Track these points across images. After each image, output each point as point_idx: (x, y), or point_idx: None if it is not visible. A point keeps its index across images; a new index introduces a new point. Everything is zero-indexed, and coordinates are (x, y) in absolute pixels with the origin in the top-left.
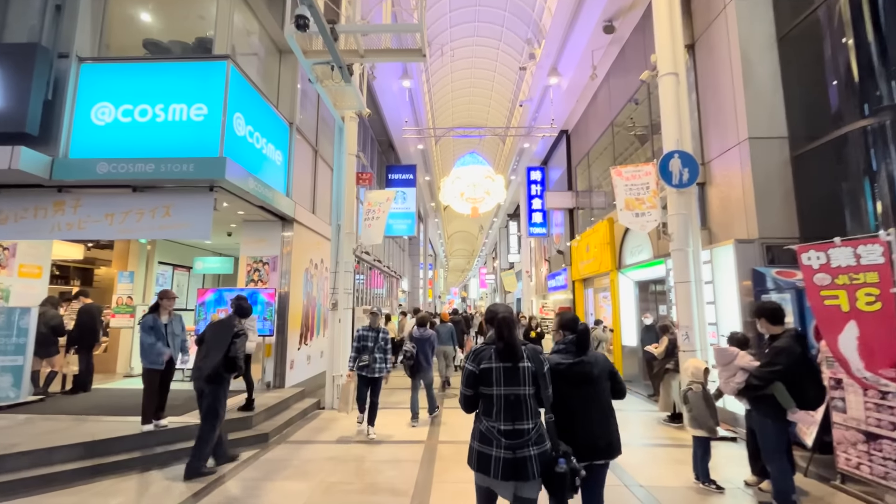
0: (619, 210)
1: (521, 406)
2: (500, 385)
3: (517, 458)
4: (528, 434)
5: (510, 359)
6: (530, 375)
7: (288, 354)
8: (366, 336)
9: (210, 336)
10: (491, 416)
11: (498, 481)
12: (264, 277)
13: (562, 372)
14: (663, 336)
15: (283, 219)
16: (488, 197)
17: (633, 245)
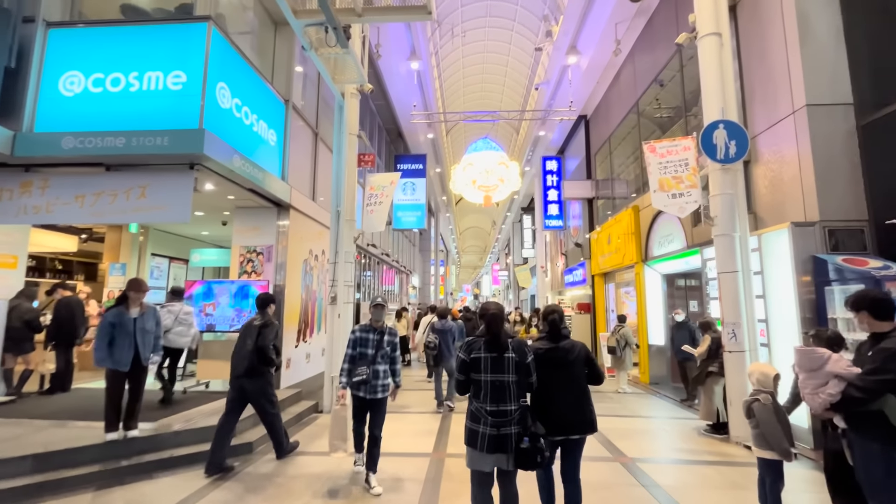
0: (651, 192)
1: (505, 391)
2: (487, 372)
3: (500, 435)
4: (511, 414)
5: (496, 349)
6: (514, 365)
7: (284, 352)
8: (365, 340)
9: (241, 335)
10: (479, 399)
11: (483, 454)
12: (258, 268)
13: (540, 357)
14: (704, 334)
15: (279, 205)
16: (502, 185)
17: (662, 234)
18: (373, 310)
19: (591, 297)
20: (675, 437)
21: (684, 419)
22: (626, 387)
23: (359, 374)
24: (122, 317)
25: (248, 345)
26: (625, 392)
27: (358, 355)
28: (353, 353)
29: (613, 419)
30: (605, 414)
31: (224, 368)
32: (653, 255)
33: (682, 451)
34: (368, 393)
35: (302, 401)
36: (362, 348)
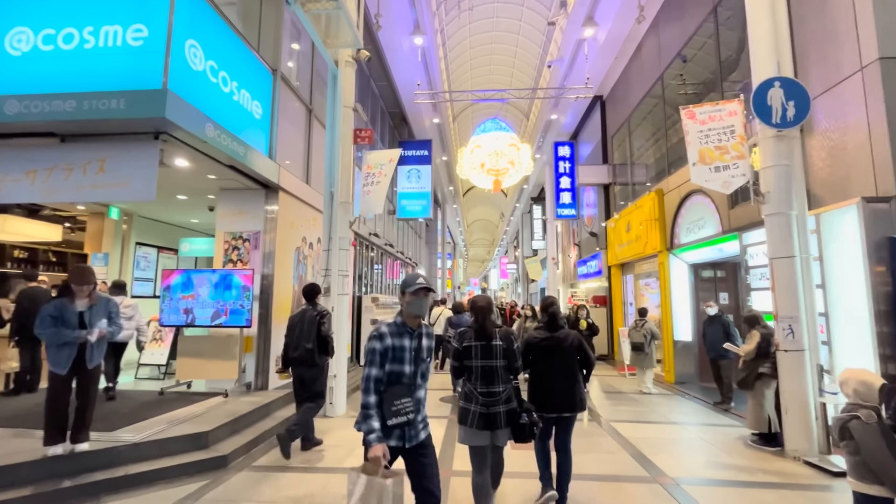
0: (690, 165)
1: (493, 374)
2: (477, 358)
3: (490, 413)
4: (499, 395)
5: (484, 338)
6: (501, 351)
7: (273, 350)
8: (401, 350)
9: (295, 325)
10: (471, 381)
11: (475, 430)
12: (244, 257)
13: (538, 344)
14: (752, 330)
15: (266, 187)
16: (513, 168)
17: (691, 220)
18: (411, 298)
19: (607, 289)
20: (718, 450)
21: (724, 426)
22: (651, 386)
23: (400, 412)
24: (65, 310)
25: (308, 334)
26: (650, 392)
27: (394, 375)
28: (380, 373)
29: (642, 426)
30: (631, 419)
31: (206, 367)
32: (679, 243)
33: (730, 468)
34: (410, 439)
35: (291, 403)
36: (397, 364)
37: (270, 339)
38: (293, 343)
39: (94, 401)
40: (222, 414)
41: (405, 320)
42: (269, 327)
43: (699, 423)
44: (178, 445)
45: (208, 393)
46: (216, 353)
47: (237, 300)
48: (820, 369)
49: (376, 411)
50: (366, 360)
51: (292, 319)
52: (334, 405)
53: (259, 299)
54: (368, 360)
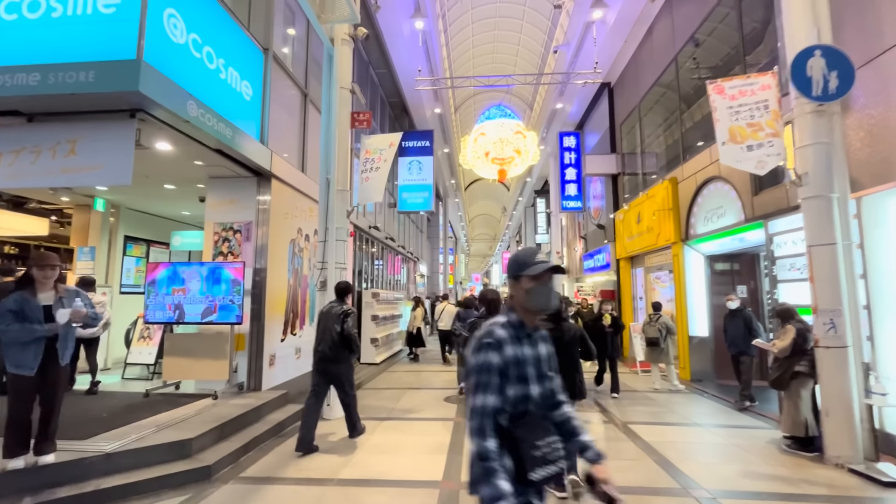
0: (719, 144)
1: None
2: None
3: None
4: None
5: None
6: None
7: (266, 348)
8: (521, 361)
9: (321, 322)
10: None
11: None
12: (235, 249)
13: None
14: (786, 325)
15: (259, 174)
16: (519, 157)
17: (708, 208)
18: (533, 285)
19: (615, 283)
20: (752, 456)
21: (750, 428)
22: (677, 383)
23: (547, 459)
24: (26, 304)
25: (331, 330)
26: (677, 388)
27: (518, 402)
28: (499, 401)
29: (663, 429)
30: (649, 421)
31: (195, 367)
32: (695, 234)
33: (770, 478)
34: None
35: (287, 405)
36: (519, 386)
37: (264, 337)
38: (318, 338)
39: (60, 406)
40: (209, 418)
41: (523, 318)
42: (262, 324)
43: (723, 424)
44: (158, 455)
45: (197, 395)
46: (205, 351)
47: (227, 295)
48: (866, 368)
49: (500, 463)
50: (473, 382)
51: (320, 315)
52: (331, 406)
53: (251, 294)
54: (480, 384)
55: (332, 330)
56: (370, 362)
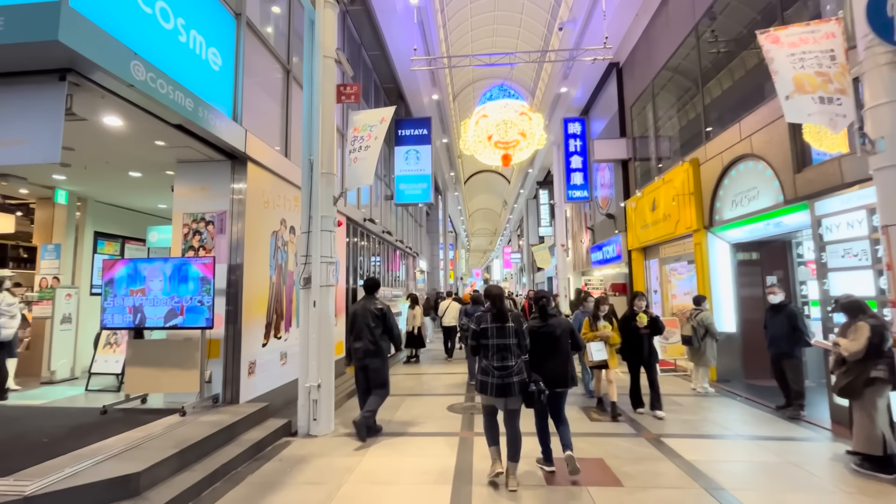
0: (783, 99)
1: (507, 351)
2: (493, 338)
3: (504, 383)
4: (512, 368)
5: (500, 320)
6: (513, 332)
7: (244, 354)
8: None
9: (357, 319)
10: (488, 358)
11: (493, 398)
12: (207, 242)
13: (534, 331)
14: (857, 322)
15: (233, 157)
16: (524, 141)
17: (738, 191)
18: None
19: (627, 275)
20: (819, 479)
21: (802, 441)
22: (707, 386)
23: None
24: None
25: (369, 326)
26: (706, 392)
27: None
28: None
29: (702, 443)
30: (685, 433)
31: (160, 378)
32: (721, 220)
33: None
34: None
35: (268, 419)
36: None
37: (241, 342)
38: (356, 334)
39: None
40: (170, 442)
41: None
42: (238, 327)
43: (770, 436)
44: (94, 495)
45: (164, 410)
46: (172, 360)
47: (195, 295)
48: None
49: None
50: None
51: (353, 311)
52: (318, 421)
53: (226, 294)
54: None
55: (371, 326)
56: None
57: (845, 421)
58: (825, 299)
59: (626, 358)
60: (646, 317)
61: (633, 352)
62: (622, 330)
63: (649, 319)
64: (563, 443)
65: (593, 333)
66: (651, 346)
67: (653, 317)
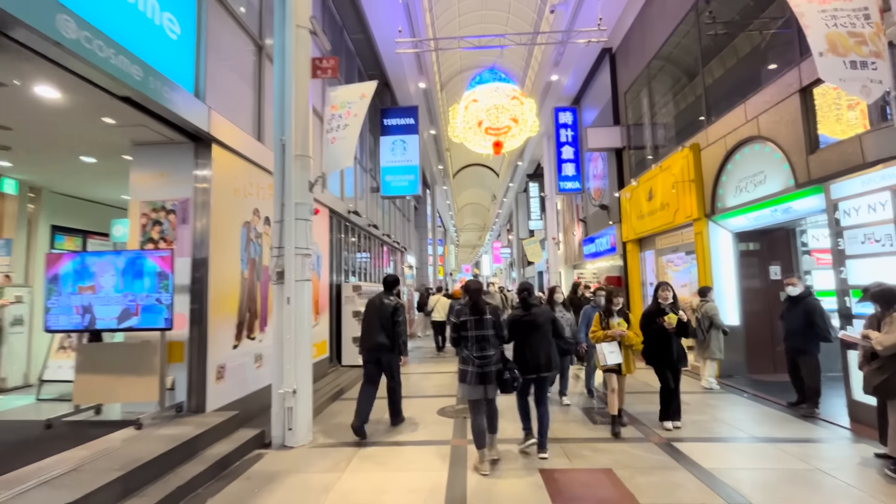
0: (816, 56)
1: (486, 342)
2: (472, 329)
3: (483, 372)
4: (490, 358)
5: (478, 313)
6: (491, 323)
7: (212, 357)
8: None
9: (371, 312)
10: (468, 348)
11: (472, 387)
12: (169, 234)
13: (517, 321)
14: (892, 312)
15: (197, 139)
16: (516, 127)
17: (743, 176)
18: None
19: (621, 268)
20: (854, 489)
21: (822, 442)
22: (712, 381)
23: None
24: None
25: (385, 321)
26: (711, 388)
27: None
28: None
29: (717, 447)
30: (696, 436)
31: (114, 386)
32: (724, 208)
33: None
34: None
35: (239, 430)
36: None
37: (207, 344)
38: (369, 329)
39: None
40: (117, 462)
41: None
42: (204, 328)
43: (788, 437)
44: None
45: (118, 422)
46: (128, 366)
47: (152, 292)
48: None
49: None
50: None
51: (370, 304)
52: (294, 431)
53: (191, 291)
54: None
55: (387, 320)
56: (352, 364)
57: (867, 419)
58: (842, 289)
59: (651, 361)
60: (676, 318)
61: (660, 354)
62: (644, 328)
63: (680, 325)
64: (538, 429)
65: (604, 332)
66: (680, 346)
67: (683, 323)
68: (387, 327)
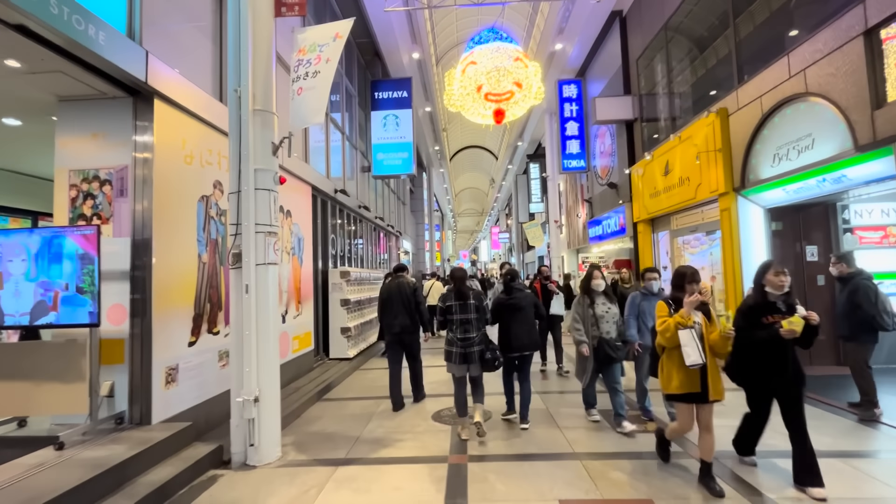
0: None
1: (469, 325)
2: (457, 313)
3: (467, 353)
4: (473, 340)
5: (461, 298)
6: (474, 308)
7: (158, 357)
8: None
9: (393, 297)
10: (453, 331)
11: (457, 365)
12: (104, 209)
13: (502, 304)
14: None
15: (136, 93)
16: (519, 92)
17: (782, 141)
18: None
19: (632, 251)
20: None
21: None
22: None
23: None
24: None
25: (406, 302)
26: None
27: None
28: None
29: (786, 467)
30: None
31: (32, 395)
32: (757, 179)
33: None
34: None
35: (190, 446)
36: None
37: (152, 342)
38: (392, 311)
39: None
40: (11, 501)
41: None
42: (148, 321)
43: (859, 451)
44: None
45: (43, 439)
46: (49, 370)
47: (74, 280)
48: None
49: None
50: None
51: (387, 288)
52: (257, 447)
53: (131, 278)
54: None
55: (408, 301)
56: (341, 357)
57: None
58: None
59: (744, 380)
60: (801, 322)
61: (762, 369)
62: (742, 332)
63: (807, 326)
64: (520, 403)
65: (682, 318)
66: (796, 359)
67: (814, 321)
68: (409, 308)
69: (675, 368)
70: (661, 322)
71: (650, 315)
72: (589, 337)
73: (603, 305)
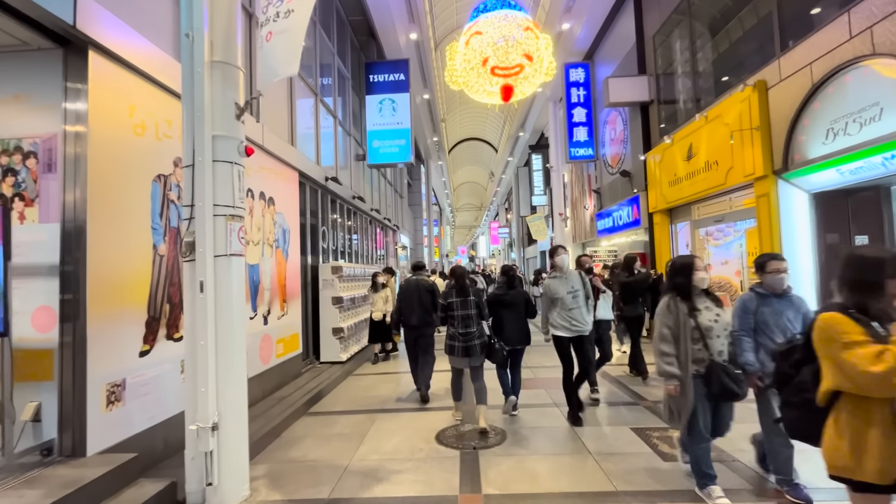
0: None
1: (470, 320)
2: (458, 309)
3: (468, 346)
4: (473, 333)
5: (462, 295)
6: (473, 304)
7: (97, 371)
8: None
9: (411, 294)
10: (454, 326)
11: (458, 358)
12: (27, 188)
13: (499, 298)
14: None
15: (66, 42)
16: (529, 66)
17: (838, 114)
18: None
19: (647, 244)
20: None
21: None
22: None
23: None
24: None
25: (423, 300)
26: None
27: None
28: None
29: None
30: None
31: None
32: (805, 160)
33: None
34: None
35: (136, 482)
36: None
37: (86, 352)
38: (410, 308)
39: None
40: None
41: None
42: (82, 327)
43: None
44: None
45: None
46: None
47: None
48: None
49: None
50: None
51: (406, 285)
52: (216, 486)
53: (61, 273)
54: None
55: (426, 298)
56: (333, 360)
57: None
58: None
59: None
60: None
61: None
62: None
63: None
64: (513, 389)
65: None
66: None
67: None
68: (426, 305)
69: (873, 436)
70: (866, 352)
71: (776, 328)
72: (689, 362)
73: (709, 311)
